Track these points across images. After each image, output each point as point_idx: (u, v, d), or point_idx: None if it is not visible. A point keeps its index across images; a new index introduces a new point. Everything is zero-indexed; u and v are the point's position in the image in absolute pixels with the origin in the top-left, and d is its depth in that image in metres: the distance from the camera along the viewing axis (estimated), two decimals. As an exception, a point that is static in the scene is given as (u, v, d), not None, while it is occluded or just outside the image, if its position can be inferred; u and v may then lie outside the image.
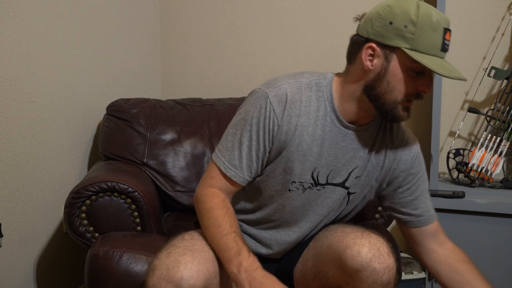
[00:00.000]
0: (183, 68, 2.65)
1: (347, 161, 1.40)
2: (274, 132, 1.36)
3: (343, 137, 1.38)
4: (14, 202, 1.81)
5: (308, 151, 1.38)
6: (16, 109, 1.80)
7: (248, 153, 1.37)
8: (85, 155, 2.17)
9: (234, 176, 1.38)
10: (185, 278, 1.20)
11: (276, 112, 1.34)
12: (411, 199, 1.47)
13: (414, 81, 1.28)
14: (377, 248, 1.26)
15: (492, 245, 2.06)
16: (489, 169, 2.15)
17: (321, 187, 1.43)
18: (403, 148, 1.44)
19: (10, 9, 1.76)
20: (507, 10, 2.22)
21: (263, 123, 1.35)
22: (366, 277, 1.24)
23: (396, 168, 1.44)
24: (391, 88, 1.28)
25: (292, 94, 1.35)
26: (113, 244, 1.57)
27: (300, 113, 1.35)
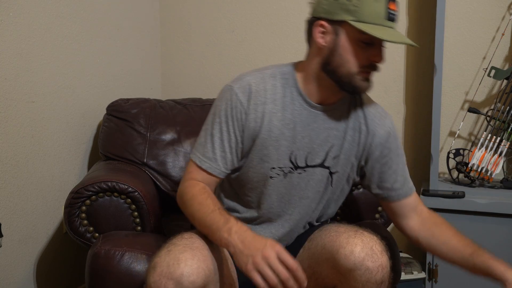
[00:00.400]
0: (183, 68, 2.65)
1: (323, 141, 1.45)
2: (243, 121, 1.42)
3: (314, 118, 1.43)
4: (14, 202, 1.81)
5: (280, 136, 1.43)
6: (16, 109, 1.80)
7: (220, 144, 1.43)
8: (85, 155, 2.17)
9: (210, 167, 1.43)
10: (185, 274, 1.21)
11: (241, 102, 1.41)
12: (389, 173, 1.50)
13: (365, 52, 1.33)
14: (370, 247, 1.27)
15: (492, 245, 2.04)
16: (489, 169, 2.15)
17: (302, 170, 1.46)
18: (377, 123, 1.48)
19: (10, 9, 1.76)
20: (507, 10, 2.22)
21: (230, 113, 1.42)
22: (359, 276, 1.25)
23: (371, 142, 1.48)
24: (344, 61, 1.34)
25: (256, 84, 1.43)
26: (115, 243, 1.57)
27: (265, 100, 1.42)
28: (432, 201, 2.07)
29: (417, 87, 2.37)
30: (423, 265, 2.17)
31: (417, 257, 2.27)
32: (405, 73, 2.38)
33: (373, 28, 1.29)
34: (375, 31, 1.28)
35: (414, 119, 2.38)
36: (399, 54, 2.37)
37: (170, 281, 1.21)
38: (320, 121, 1.44)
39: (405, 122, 2.40)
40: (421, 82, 2.36)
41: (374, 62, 1.34)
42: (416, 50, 2.35)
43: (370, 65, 1.35)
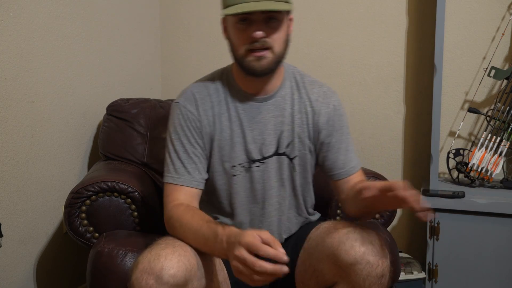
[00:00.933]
0: (183, 68, 2.65)
1: (272, 130, 1.50)
2: (199, 128, 1.48)
3: (258, 110, 1.49)
4: (14, 202, 1.81)
5: (232, 134, 1.48)
6: (16, 109, 1.80)
7: (187, 158, 1.47)
8: (85, 155, 2.17)
9: (185, 181, 1.45)
10: (165, 268, 1.22)
11: (191, 111, 1.48)
12: (332, 152, 1.53)
13: (246, 32, 1.37)
14: (369, 241, 1.29)
15: (492, 245, 2.06)
16: (489, 169, 2.15)
17: (260, 163, 1.51)
18: (321, 102, 1.53)
19: (10, 9, 1.76)
20: (507, 10, 2.22)
21: (185, 125, 1.48)
22: (360, 270, 1.26)
23: (317, 121, 1.52)
24: (234, 45, 1.42)
25: (199, 92, 1.50)
26: (118, 242, 1.57)
27: (212, 104, 1.49)
28: (432, 201, 2.07)
29: (417, 87, 2.37)
30: (423, 265, 2.17)
31: (417, 257, 2.27)
32: (405, 73, 2.38)
33: (234, 7, 1.34)
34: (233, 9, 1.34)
35: (414, 119, 2.39)
36: (399, 54, 2.37)
37: (150, 276, 1.22)
38: (265, 112, 1.49)
39: (405, 122, 2.40)
40: (421, 82, 2.36)
41: (253, 38, 1.36)
42: (416, 50, 2.35)
43: (253, 42, 1.36)
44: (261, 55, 1.38)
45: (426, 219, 1.21)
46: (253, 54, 1.38)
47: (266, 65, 1.39)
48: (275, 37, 1.38)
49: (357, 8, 2.40)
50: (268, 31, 1.37)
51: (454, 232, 2.08)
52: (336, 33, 2.44)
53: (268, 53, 1.39)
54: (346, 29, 2.42)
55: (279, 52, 1.41)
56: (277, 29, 1.38)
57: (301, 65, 2.49)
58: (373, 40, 2.39)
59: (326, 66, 2.46)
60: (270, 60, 1.39)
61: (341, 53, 2.44)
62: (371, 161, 2.43)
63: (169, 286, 1.22)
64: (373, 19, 2.38)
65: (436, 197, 2.07)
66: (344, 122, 1.56)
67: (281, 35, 1.40)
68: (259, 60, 1.38)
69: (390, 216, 1.87)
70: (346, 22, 2.42)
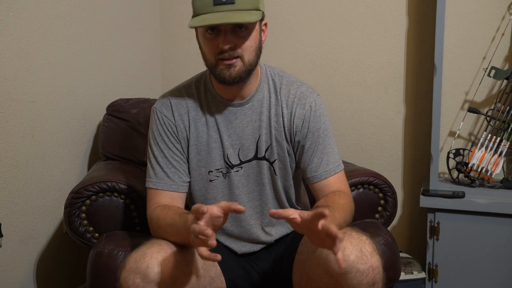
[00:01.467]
0: (183, 68, 2.65)
1: (249, 135, 1.50)
2: (176, 132, 1.49)
3: (235, 115, 1.49)
4: (14, 202, 1.81)
5: (209, 139, 1.49)
6: (16, 109, 1.80)
7: (166, 162, 1.48)
8: (85, 155, 2.17)
9: (165, 185, 1.48)
10: (150, 266, 1.24)
11: (167, 116, 1.49)
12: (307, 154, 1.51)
13: (214, 41, 1.37)
14: (359, 249, 1.27)
15: (492, 245, 2.06)
16: (489, 169, 2.15)
17: (238, 167, 1.51)
18: (297, 104, 1.51)
19: (10, 9, 1.76)
20: (507, 10, 2.22)
21: (162, 130, 1.49)
22: (351, 279, 1.25)
23: (293, 123, 1.51)
24: (204, 54, 1.42)
25: (175, 97, 1.51)
26: (118, 243, 1.57)
27: (187, 109, 1.50)
28: (432, 201, 2.07)
29: (417, 87, 2.37)
30: (423, 265, 2.17)
31: (417, 257, 2.27)
32: (405, 73, 2.38)
33: (199, 19, 1.35)
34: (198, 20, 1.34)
35: (414, 119, 2.38)
36: (399, 54, 2.37)
37: (137, 275, 1.24)
38: (241, 116, 1.50)
39: (405, 122, 2.40)
40: (421, 82, 2.36)
41: (222, 48, 1.36)
42: (416, 50, 2.35)
43: (222, 51, 1.37)
44: (230, 63, 1.38)
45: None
46: (223, 62, 1.38)
47: (236, 73, 1.39)
48: (244, 46, 1.38)
49: (357, 8, 2.40)
50: (237, 41, 1.37)
51: (454, 232, 2.08)
52: (336, 33, 2.43)
53: (238, 62, 1.39)
54: (346, 29, 2.42)
55: (249, 60, 1.40)
56: (246, 38, 1.38)
57: (301, 65, 2.50)
58: (373, 40, 2.39)
59: (326, 66, 2.46)
60: (239, 68, 1.39)
61: (341, 53, 2.44)
62: (371, 161, 2.43)
63: (155, 283, 1.24)
64: (373, 19, 2.38)
65: (436, 197, 2.07)
66: (321, 123, 1.52)
67: (251, 43, 1.39)
68: (229, 68, 1.38)
69: (390, 216, 1.87)
70: (346, 22, 2.42)
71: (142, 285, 1.23)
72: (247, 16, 1.34)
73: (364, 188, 1.84)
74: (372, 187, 1.85)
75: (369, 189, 1.85)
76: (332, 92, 2.45)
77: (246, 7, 1.35)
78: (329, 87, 2.46)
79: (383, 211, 1.86)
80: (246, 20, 1.33)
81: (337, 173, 1.51)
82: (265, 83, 1.52)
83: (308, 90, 1.53)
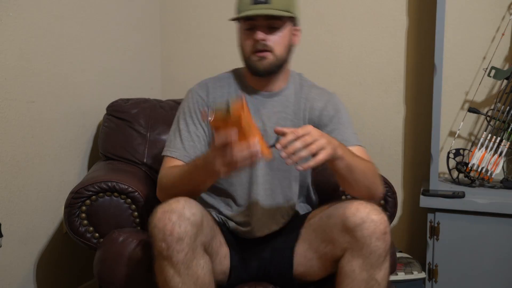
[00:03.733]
0: (183, 68, 2.65)
1: (274, 123, 1.60)
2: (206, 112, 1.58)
3: (264, 105, 1.63)
4: (14, 202, 1.81)
5: None
6: (16, 109, 1.80)
7: (188, 136, 1.58)
8: (85, 155, 2.17)
9: (180, 155, 1.56)
10: (186, 207, 1.33)
11: (201, 96, 1.63)
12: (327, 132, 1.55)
13: (250, 37, 1.54)
14: (371, 205, 1.44)
15: (492, 245, 2.06)
16: (489, 169, 2.15)
17: None
18: (316, 98, 1.67)
19: (10, 9, 1.76)
20: (507, 10, 2.22)
21: (193, 107, 1.61)
22: (367, 228, 1.39)
23: (312, 116, 1.65)
24: (241, 48, 1.58)
25: (213, 83, 1.66)
26: (130, 235, 1.60)
27: (223, 94, 1.63)
28: (432, 201, 2.07)
29: (417, 87, 2.37)
30: (423, 265, 2.17)
31: (417, 257, 2.27)
32: (405, 73, 2.38)
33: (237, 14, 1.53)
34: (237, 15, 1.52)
35: (414, 119, 2.38)
36: (399, 54, 2.37)
37: (173, 214, 1.32)
38: (269, 107, 1.63)
39: (405, 122, 2.40)
40: (421, 82, 2.36)
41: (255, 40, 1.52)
42: (416, 50, 2.35)
43: (255, 45, 1.53)
44: (262, 55, 1.54)
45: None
46: (256, 54, 1.54)
47: (267, 65, 1.54)
48: (275, 40, 1.53)
49: (357, 8, 2.40)
50: (269, 35, 1.53)
51: (454, 232, 2.08)
52: (336, 33, 2.43)
53: (269, 55, 1.54)
54: (346, 29, 2.42)
55: (280, 54, 1.56)
56: (277, 34, 1.54)
57: (301, 65, 2.49)
58: (373, 40, 2.39)
59: (326, 66, 2.46)
60: (271, 60, 1.55)
61: (341, 52, 2.44)
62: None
63: (190, 222, 1.32)
64: (373, 19, 2.38)
65: (436, 197, 2.07)
66: (341, 112, 1.65)
67: (281, 39, 1.55)
68: (261, 60, 1.54)
69: (390, 216, 1.87)
70: (346, 22, 2.42)
71: (178, 223, 1.30)
72: (281, 12, 1.50)
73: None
74: (372, 187, 1.85)
75: (369, 189, 1.85)
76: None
77: (281, 7, 1.51)
78: (329, 87, 2.43)
79: (383, 211, 1.86)
80: (275, 13, 1.49)
81: (358, 145, 1.61)
82: (292, 83, 1.67)
83: (327, 92, 1.71)
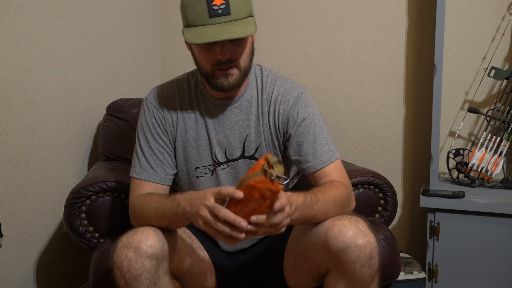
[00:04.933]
0: (183, 68, 2.63)
1: (237, 134, 1.51)
2: (163, 124, 1.51)
3: (223, 114, 1.51)
4: (14, 202, 1.81)
5: (196, 136, 1.51)
6: (16, 109, 1.80)
7: (151, 154, 1.50)
8: (85, 155, 2.17)
9: (148, 176, 1.49)
10: (143, 240, 1.27)
11: (156, 108, 1.52)
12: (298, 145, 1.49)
13: (210, 52, 1.37)
14: (356, 225, 1.30)
15: (492, 245, 2.06)
16: (489, 169, 2.15)
17: (225, 165, 1.53)
18: (281, 100, 1.51)
19: (10, 9, 1.76)
20: (507, 10, 2.22)
21: (150, 121, 1.51)
22: (350, 254, 1.28)
23: (279, 120, 1.51)
24: (198, 62, 1.44)
25: (166, 91, 1.54)
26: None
27: (178, 105, 1.52)
28: (432, 201, 2.07)
29: (417, 87, 2.37)
30: (423, 265, 2.17)
31: (417, 257, 2.27)
32: (405, 73, 2.38)
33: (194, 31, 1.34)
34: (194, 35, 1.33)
35: (414, 119, 2.38)
36: (399, 54, 2.37)
37: (129, 250, 1.26)
38: (229, 115, 1.51)
39: (405, 122, 2.40)
40: (421, 82, 2.36)
41: (220, 59, 1.37)
42: (416, 50, 2.35)
43: (219, 62, 1.37)
44: (228, 73, 1.40)
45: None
46: (220, 72, 1.39)
47: (234, 81, 1.41)
48: (240, 54, 1.39)
49: (357, 8, 2.40)
50: (234, 50, 1.38)
51: (454, 232, 2.08)
52: (336, 33, 2.43)
53: (235, 71, 1.40)
54: (346, 29, 2.42)
55: (245, 66, 1.42)
56: (243, 47, 1.39)
57: (301, 65, 2.51)
58: (373, 40, 2.39)
59: (326, 66, 2.46)
60: (237, 76, 1.41)
61: (341, 52, 2.44)
62: (371, 161, 2.43)
63: (147, 256, 1.26)
64: (373, 19, 2.38)
65: (436, 197, 2.07)
66: (307, 113, 1.50)
67: (246, 50, 1.40)
68: (227, 77, 1.40)
69: (390, 216, 1.87)
70: (346, 22, 2.42)
71: (134, 258, 1.26)
72: (246, 28, 1.34)
73: (364, 188, 1.84)
74: (372, 187, 1.85)
75: (369, 189, 1.85)
76: (332, 92, 2.45)
77: (241, 16, 1.35)
78: (329, 87, 2.46)
79: (383, 211, 1.86)
80: (247, 33, 1.34)
81: (332, 162, 1.48)
82: (253, 83, 1.53)
83: (292, 86, 1.53)
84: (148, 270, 1.26)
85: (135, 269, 1.26)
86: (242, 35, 1.33)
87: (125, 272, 1.26)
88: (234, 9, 1.33)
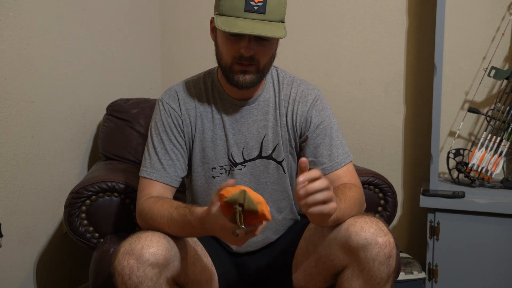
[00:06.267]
0: (183, 68, 2.65)
1: (255, 134, 1.52)
2: (180, 126, 1.50)
3: (241, 114, 1.51)
4: (14, 202, 1.81)
5: (214, 136, 1.50)
6: (16, 109, 1.80)
7: (164, 154, 1.48)
8: (85, 155, 2.17)
9: (159, 177, 1.47)
10: (145, 247, 1.26)
11: (173, 108, 1.50)
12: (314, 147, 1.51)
13: (235, 45, 1.37)
14: (376, 224, 1.32)
15: (492, 245, 2.06)
16: (489, 169, 2.15)
17: (242, 166, 1.52)
18: (299, 102, 1.53)
19: (10, 9, 1.76)
20: (507, 10, 2.22)
21: (166, 121, 1.50)
22: (370, 251, 1.29)
23: (296, 121, 1.53)
24: (221, 54, 1.42)
25: (183, 91, 1.53)
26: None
27: (195, 104, 1.51)
28: (432, 201, 2.07)
29: (417, 87, 2.37)
30: (423, 265, 2.17)
31: (417, 257, 2.27)
32: (405, 73, 2.38)
33: (227, 20, 1.34)
34: (225, 22, 1.33)
35: (414, 119, 2.38)
36: (399, 54, 2.37)
37: (132, 257, 1.25)
38: (247, 115, 1.51)
39: (405, 122, 2.40)
40: (421, 82, 2.36)
41: (243, 54, 1.37)
42: (416, 50, 2.35)
43: (241, 56, 1.38)
44: (245, 68, 1.40)
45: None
46: (239, 66, 1.40)
47: (249, 79, 1.41)
48: (262, 53, 1.40)
49: (357, 8, 2.40)
50: (258, 49, 1.39)
51: (454, 232, 2.08)
52: (336, 33, 2.44)
53: (253, 69, 1.41)
54: (346, 29, 2.42)
55: (264, 67, 1.43)
56: (268, 48, 1.40)
57: (301, 65, 2.50)
58: (373, 40, 2.39)
59: (326, 66, 2.46)
60: (253, 75, 1.41)
61: (341, 52, 2.44)
62: (371, 161, 2.43)
63: (149, 264, 1.25)
64: (373, 19, 2.38)
65: (436, 197, 2.07)
66: (324, 116, 1.53)
67: (268, 51, 1.42)
68: (244, 73, 1.40)
69: (390, 216, 1.87)
70: (346, 22, 2.42)
71: (136, 266, 1.25)
72: (277, 31, 1.35)
73: (364, 188, 1.84)
74: (372, 187, 1.85)
75: (369, 189, 1.85)
76: (332, 92, 2.45)
77: (274, 19, 1.36)
78: (329, 87, 2.46)
79: (383, 211, 1.86)
80: (278, 35, 1.35)
81: (346, 164, 1.52)
82: (270, 84, 1.54)
83: (308, 87, 1.56)
84: (149, 278, 1.25)
85: (137, 276, 1.25)
86: (273, 35, 1.34)
87: (126, 280, 1.25)
88: (270, 10, 1.35)
